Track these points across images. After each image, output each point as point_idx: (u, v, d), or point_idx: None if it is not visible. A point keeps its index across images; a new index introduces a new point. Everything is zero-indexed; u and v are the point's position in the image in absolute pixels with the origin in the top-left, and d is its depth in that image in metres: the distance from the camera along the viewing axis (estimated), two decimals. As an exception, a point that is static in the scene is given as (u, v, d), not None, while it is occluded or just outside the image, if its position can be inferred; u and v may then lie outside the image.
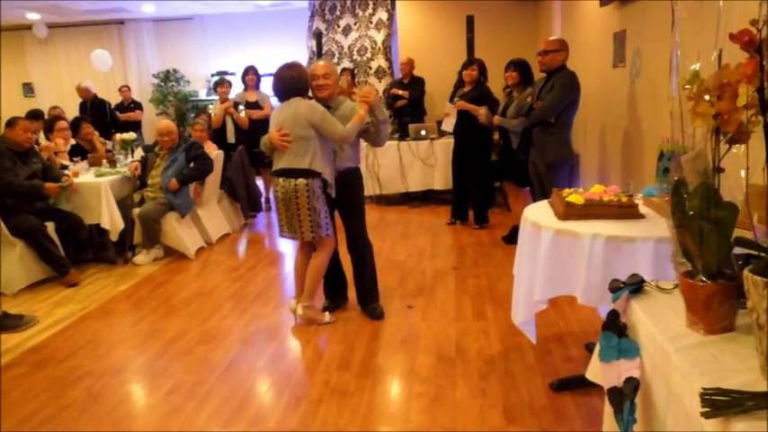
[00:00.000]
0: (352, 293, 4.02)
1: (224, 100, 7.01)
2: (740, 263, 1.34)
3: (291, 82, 3.59)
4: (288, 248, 5.65)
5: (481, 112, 5.29)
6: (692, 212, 1.32)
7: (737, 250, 1.34)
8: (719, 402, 1.06)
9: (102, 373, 3.25)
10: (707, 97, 1.25)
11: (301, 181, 3.51)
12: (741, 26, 1.22)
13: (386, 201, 7.41)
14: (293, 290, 3.95)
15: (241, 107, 6.97)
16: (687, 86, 1.33)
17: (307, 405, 2.84)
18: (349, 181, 3.78)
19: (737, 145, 1.28)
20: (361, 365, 3.21)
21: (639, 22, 3.98)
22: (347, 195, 3.78)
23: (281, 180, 3.58)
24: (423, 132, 7.06)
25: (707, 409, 1.06)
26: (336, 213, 3.85)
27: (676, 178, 1.38)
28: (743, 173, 1.27)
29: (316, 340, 3.60)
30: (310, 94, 3.70)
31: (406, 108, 7.49)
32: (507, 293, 2.99)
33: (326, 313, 3.82)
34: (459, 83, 5.97)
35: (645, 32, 3.87)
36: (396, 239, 5.78)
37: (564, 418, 2.62)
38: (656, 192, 2.56)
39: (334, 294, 4.05)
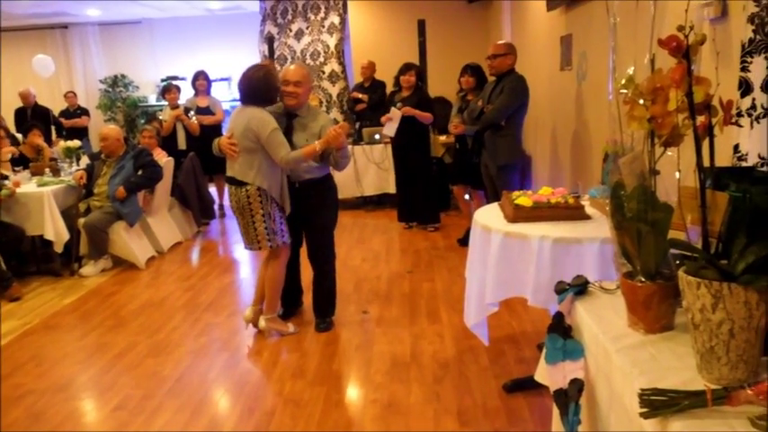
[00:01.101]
0: (308, 299, 3.98)
1: (174, 106, 6.87)
2: (677, 262, 1.37)
3: (260, 84, 3.39)
4: (242, 256, 5.57)
5: (455, 122, 5.28)
6: (630, 215, 1.34)
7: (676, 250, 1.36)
8: (657, 402, 1.07)
9: (45, 391, 3.12)
10: (641, 101, 1.27)
11: (253, 187, 3.40)
12: (673, 30, 1.24)
13: (341, 205, 7.30)
14: (247, 298, 3.90)
15: (192, 113, 6.84)
16: (623, 90, 1.35)
17: (260, 416, 2.79)
18: (311, 193, 3.62)
19: (672, 147, 1.31)
20: (315, 373, 3.17)
21: (584, 26, 4.06)
22: (309, 207, 3.64)
23: (232, 188, 3.48)
24: (377, 136, 7.06)
25: (645, 410, 1.07)
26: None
27: (615, 181, 1.40)
28: (677, 175, 1.30)
29: (270, 348, 3.54)
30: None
31: (366, 112, 7.45)
32: (461, 296, 3.00)
33: (290, 324, 3.75)
34: (397, 87, 5.99)
35: (590, 36, 3.95)
36: (351, 244, 5.76)
37: (517, 418, 2.64)
38: (597, 194, 2.60)
39: (290, 302, 3.99)
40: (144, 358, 3.47)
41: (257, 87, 3.40)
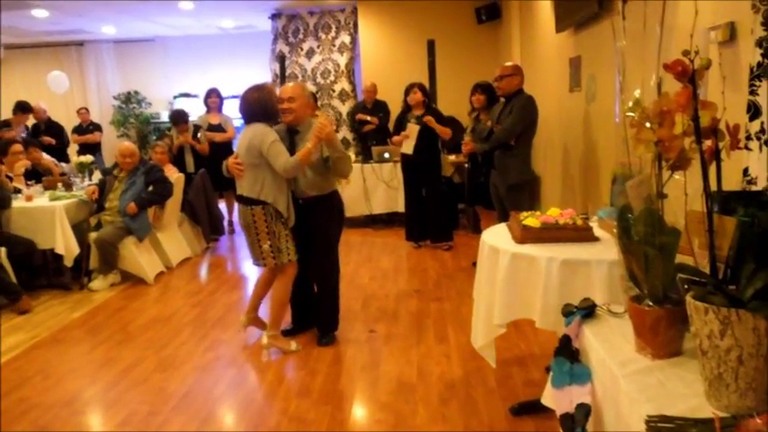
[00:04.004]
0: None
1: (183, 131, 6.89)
2: (686, 287, 1.36)
3: (255, 105, 3.52)
4: (250, 272, 5.57)
5: (465, 140, 5.30)
6: (637, 238, 1.33)
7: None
8: (664, 430, 1.06)
9: (51, 406, 3.12)
10: (648, 124, 1.27)
11: (258, 207, 3.48)
12: (680, 55, 1.25)
13: (350, 223, 7.35)
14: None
15: (201, 132, 6.89)
16: (630, 113, 1.36)
17: (264, 434, 2.77)
18: (315, 210, 3.65)
19: (679, 171, 1.30)
20: (321, 392, 3.16)
21: (593, 48, 4.08)
22: (313, 224, 3.67)
23: (241, 206, 3.58)
24: (386, 155, 7.08)
25: (652, 437, 1.06)
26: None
27: (622, 204, 1.39)
28: (685, 199, 1.29)
29: (276, 366, 3.53)
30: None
31: (372, 132, 7.50)
32: (470, 316, 2.97)
33: (293, 342, 3.73)
34: (407, 107, 5.98)
35: (599, 58, 3.96)
36: (360, 262, 5.75)
37: (524, 442, 2.61)
38: (605, 215, 2.59)
39: (301, 319, 3.97)
40: (151, 374, 3.47)
41: (254, 107, 3.53)
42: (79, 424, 2.97)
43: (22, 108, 7.48)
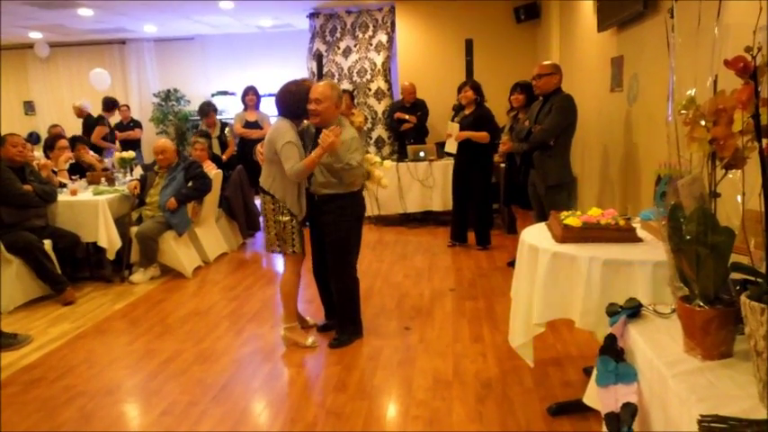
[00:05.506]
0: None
1: (211, 125, 7.08)
2: (738, 288, 1.34)
3: (289, 98, 3.60)
4: (285, 268, 5.63)
5: (503, 140, 5.27)
6: (688, 237, 1.32)
7: (736, 275, 1.33)
8: (717, 429, 1.05)
9: (96, 393, 3.22)
10: (703, 123, 1.25)
11: (268, 197, 3.63)
12: (735, 52, 1.23)
13: (384, 221, 7.41)
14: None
15: (227, 131, 7.04)
16: (683, 111, 1.34)
17: (302, 428, 2.81)
18: (327, 208, 3.66)
19: (734, 170, 1.29)
20: (357, 387, 3.19)
21: (637, 47, 4.02)
22: (324, 222, 3.69)
23: (260, 194, 3.74)
24: (421, 154, 7.09)
25: (705, 437, 1.05)
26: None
27: (673, 203, 1.38)
28: (739, 198, 1.28)
29: (312, 361, 3.57)
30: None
31: (410, 131, 7.52)
32: (505, 316, 2.97)
33: (310, 337, 3.79)
34: (460, 106, 5.98)
35: (642, 58, 3.90)
36: (394, 260, 5.77)
37: (561, 443, 2.59)
38: (652, 216, 2.56)
39: (334, 315, 3.99)
40: (190, 365, 3.54)
41: (288, 100, 3.61)
42: (123, 413, 3.05)
43: (112, 103, 8.53)
